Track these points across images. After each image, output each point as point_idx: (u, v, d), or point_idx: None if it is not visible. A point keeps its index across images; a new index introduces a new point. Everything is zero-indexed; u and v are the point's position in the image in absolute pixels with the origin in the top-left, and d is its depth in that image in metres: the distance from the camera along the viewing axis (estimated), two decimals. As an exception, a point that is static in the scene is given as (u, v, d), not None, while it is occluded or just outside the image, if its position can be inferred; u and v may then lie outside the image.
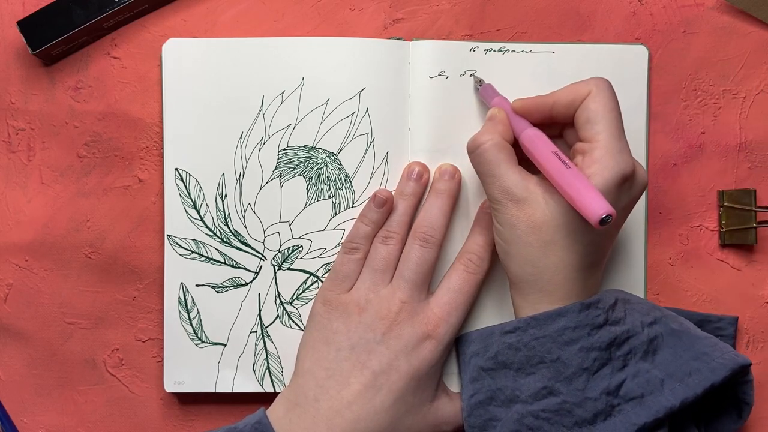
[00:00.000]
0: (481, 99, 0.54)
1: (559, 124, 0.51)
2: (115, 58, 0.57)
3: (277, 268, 0.55)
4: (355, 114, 0.54)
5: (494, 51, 0.55)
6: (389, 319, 0.51)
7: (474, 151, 0.49)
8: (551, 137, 0.50)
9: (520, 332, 0.48)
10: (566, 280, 0.48)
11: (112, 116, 0.56)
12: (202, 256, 0.55)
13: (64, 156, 0.57)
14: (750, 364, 0.49)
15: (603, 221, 0.43)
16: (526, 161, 0.50)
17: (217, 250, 0.55)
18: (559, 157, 0.47)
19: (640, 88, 0.55)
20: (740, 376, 0.50)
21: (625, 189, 0.47)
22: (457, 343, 0.53)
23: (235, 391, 0.55)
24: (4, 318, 0.57)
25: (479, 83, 0.54)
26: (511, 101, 0.51)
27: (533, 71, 0.55)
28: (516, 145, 0.50)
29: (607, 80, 0.49)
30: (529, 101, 0.50)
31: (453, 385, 0.54)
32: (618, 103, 0.48)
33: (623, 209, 0.48)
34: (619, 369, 0.48)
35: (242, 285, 0.55)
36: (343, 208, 0.55)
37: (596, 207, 0.43)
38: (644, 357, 0.49)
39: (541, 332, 0.48)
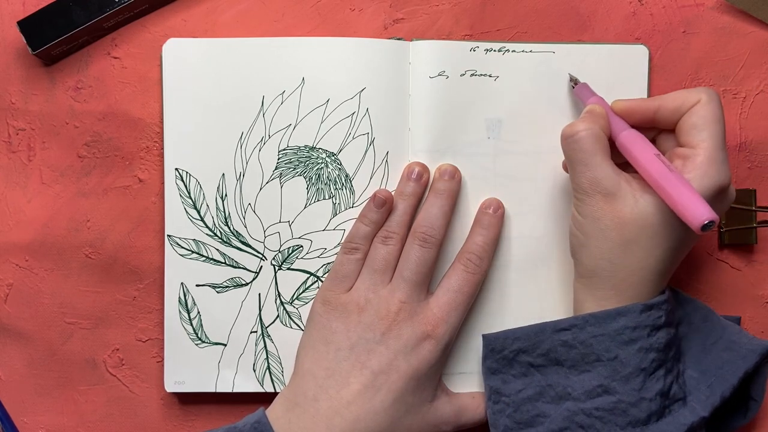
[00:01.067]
0: (575, 98, 0.54)
1: (655, 130, 0.51)
2: (115, 58, 0.57)
3: (277, 268, 0.55)
4: (355, 114, 0.54)
5: (494, 51, 0.55)
6: (389, 319, 0.51)
7: (570, 137, 0.48)
8: None
9: (576, 330, 0.48)
10: (640, 281, 0.47)
11: (112, 116, 0.56)
12: (203, 256, 0.55)
13: (65, 156, 0.57)
14: None
15: (705, 227, 0.43)
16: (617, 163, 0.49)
17: (217, 250, 0.55)
18: (662, 160, 0.46)
19: (640, 88, 0.55)
20: (767, 359, 0.51)
21: (719, 200, 0.47)
22: (493, 341, 0.52)
23: (235, 391, 0.55)
24: (5, 318, 0.57)
25: (575, 82, 0.54)
26: (610, 102, 0.51)
27: (533, 71, 0.55)
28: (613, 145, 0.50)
29: (716, 92, 0.48)
30: (632, 102, 0.50)
31: (452, 385, 0.54)
32: (724, 116, 0.48)
33: None
34: (669, 371, 0.48)
35: (242, 285, 0.55)
36: (343, 208, 0.55)
37: (700, 212, 0.43)
38: (679, 358, 0.49)
39: (599, 330, 0.47)
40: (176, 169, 0.55)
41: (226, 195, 0.55)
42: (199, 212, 0.55)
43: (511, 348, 0.51)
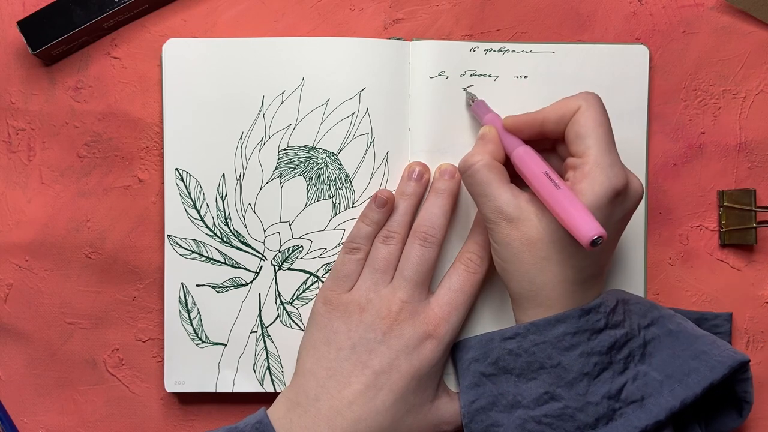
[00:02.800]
0: (473, 114, 0.54)
1: (551, 140, 0.51)
2: (115, 58, 0.57)
3: (277, 268, 0.55)
4: (356, 114, 0.54)
5: (494, 51, 0.55)
6: (390, 318, 0.51)
7: (465, 172, 0.50)
8: (544, 152, 0.50)
9: (520, 338, 0.48)
10: (564, 294, 0.48)
11: (112, 116, 0.56)
12: (203, 256, 0.55)
13: (65, 156, 0.57)
14: (748, 361, 0.49)
15: (594, 243, 0.43)
16: (519, 177, 0.50)
17: (217, 250, 0.55)
18: (550, 178, 0.47)
19: (640, 88, 0.55)
20: (739, 373, 0.50)
21: (618, 203, 0.47)
22: (454, 349, 0.53)
23: (235, 391, 0.55)
24: (5, 318, 0.57)
25: (471, 99, 0.54)
26: (503, 118, 0.51)
27: (533, 71, 0.55)
28: (508, 162, 0.51)
29: (596, 95, 0.49)
30: (519, 119, 0.50)
31: (453, 385, 0.54)
32: (608, 117, 0.48)
33: (617, 222, 0.48)
34: (619, 372, 0.48)
35: (242, 285, 0.55)
36: (343, 208, 0.55)
37: (586, 229, 0.43)
38: (642, 359, 0.49)
39: (541, 338, 0.48)
40: (176, 169, 0.55)
41: (226, 195, 0.55)
42: (199, 212, 0.55)
43: (466, 357, 0.51)
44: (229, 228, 0.55)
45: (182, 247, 0.55)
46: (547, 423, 0.47)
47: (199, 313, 0.55)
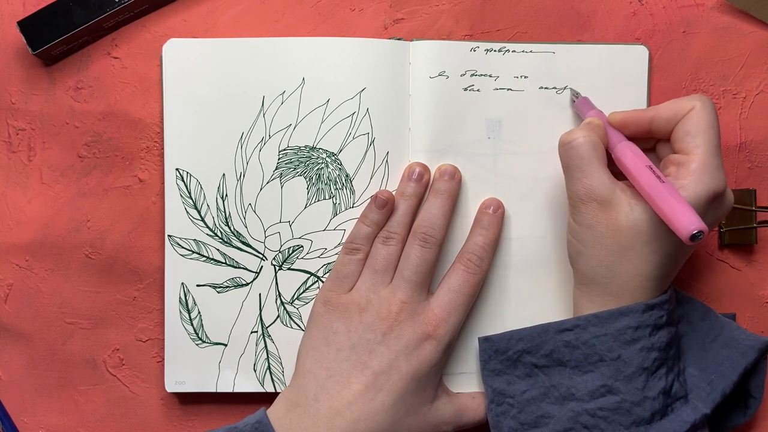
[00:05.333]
0: (576, 111, 0.54)
1: (653, 139, 0.51)
2: (115, 58, 0.57)
3: (277, 268, 0.55)
4: (356, 114, 0.54)
5: (494, 51, 0.55)
6: (390, 319, 0.51)
7: (568, 143, 0.49)
8: (644, 151, 0.50)
9: (579, 330, 0.48)
10: (637, 287, 0.48)
11: (112, 116, 0.56)
12: (203, 256, 0.55)
13: (65, 156, 0.57)
14: None
15: (694, 237, 0.43)
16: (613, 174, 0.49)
17: (217, 250, 0.55)
18: (653, 171, 0.46)
19: (640, 88, 0.55)
20: (762, 359, 0.51)
21: (713, 207, 0.47)
22: (497, 342, 0.52)
23: (235, 391, 0.55)
24: (5, 318, 0.57)
25: (576, 96, 0.54)
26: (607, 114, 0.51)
27: (533, 71, 0.55)
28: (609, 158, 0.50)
29: (710, 99, 0.48)
30: (627, 114, 0.50)
31: (453, 385, 0.54)
32: (719, 123, 0.48)
33: (708, 226, 0.48)
34: (671, 369, 0.48)
35: (243, 285, 0.55)
36: (343, 209, 0.55)
37: (688, 222, 0.43)
38: (679, 357, 0.50)
39: (602, 330, 0.48)
40: (177, 169, 0.55)
41: (226, 195, 0.55)
42: (199, 212, 0.55)
43: (515, 349, 0.51)
44: (230, 228, 0.55)
45: (183, 247, 0.55)
46: (602, 416, 0.48)
47: (199, 313, 0.55)
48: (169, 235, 0.55)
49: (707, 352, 0.50)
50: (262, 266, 0.55)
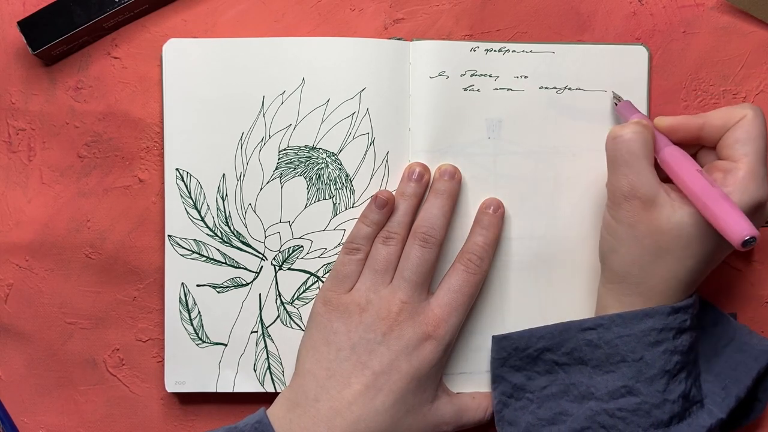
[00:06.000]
0: (618, 115, 0.53)
1: (696, 146, 0.51)
2: (115, 58, 0.57)
3: (277, 268, 0.55)
4: (356, 114, 0.54)
5: (494, 51, 0.55)
6: (390, 319, 0.51)
7: (619, 137, 0.48)
8: None
9: (602, 329, 0.48)
10: (667, 289, 0.47)
11: (112, 116, 0.56)
12: (203, 256, 0.55)
13: (65, 156, 0.57)
14: None
15: (746, 243, 0.43)
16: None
17: (217, 250, 0.55)
18: (704, 176, 0.46)
19: (640, 88, 0.55)
20: None
21: (756, 216, 0.47)
22: (517, 340, 0.52)
23: (235, 391, 0.55)
24: (5, 318, 0.57)
25: (618, 100, 0.54)
26: (655, 120, 0.51)
27: (533, 71, 0.55)
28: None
29: (761, 109, 0.48)
30: (676, 120, 0.50)
31: (453, 385, 0.54)
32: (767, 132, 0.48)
33: None
34: (690, 373, 0.48)
35: (243, 285, 0.55)
36: (343, 208, 0.55)
37: (741, 228, 0.43)
38: (697, 361, 0.50)
39: (626, 330, 0.48)
40: (177, 169, 0.55)
41: (226, 195, 0.55)
42: (199, 212, 0.55)
43: (536, 346, 0.51)
44: (230, 228, 0.55)
45: (183, 247, 0.55)
46: (621, 417, 0.47)
47: (199, 313, 0.55)
48: (169, 235, 0.55)
49: (720, 357, 0.50)
50: (262, 266, 0.55)
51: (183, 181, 0.55)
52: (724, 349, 0.50)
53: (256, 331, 0.55)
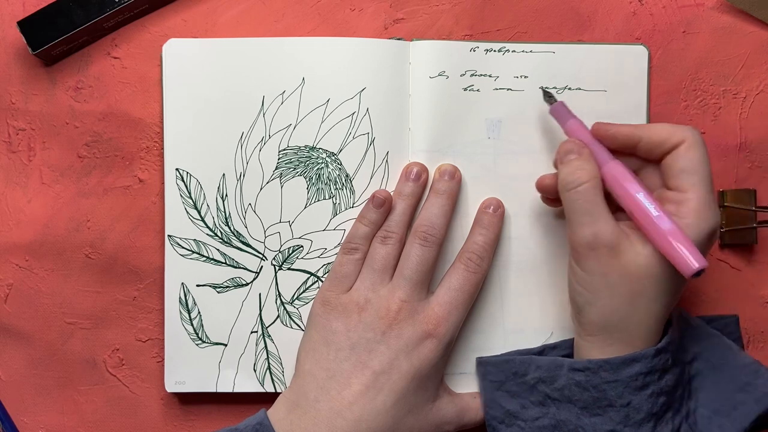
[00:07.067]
0: (552, 116, 0.52)
1: (639, 160, 0.50)
2: (115, 58, 0.57)
3: (277, 268, 0.55)
4: (356, 114, 0.54)
5: (494, 51, 0.55)
6: (389, 318, 0.51)
7: (573, 189, 0.47)
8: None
9: (590, 373, 0.48)
10: (647, 332, 0.47)
11: (112, 116, 0.56)
12: (203, 256, 0.55)
13: (65, 156, 0.57)
14: None
15: (696, 274, 0.43)
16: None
17: (217, 250, 0.55)
18: (646, 201, 0.46)
19: (640, 88, 0.55)
20: None
21: (710, 242, 0.47)
22: (517, 365, 0.52)
23: (235, 391, 0.55)
24: (5, 318, 0.57)
25: (550, 99, 0.52)
26: (590, 126, 0.50)
27: (533, 71, 0.55)
28: None
29: (698, 131, 0.47)
30: (615, 129, 0.48)
31: (454, 385, 0.54)
32: (708, 155, 0.47)
33: None
34: (677, 411, 0.48)
35: (243, 285, 0.55)
36: (343, 208, 0.55)
37: (692, 260, 0.43)
38: (689, 396, 0.49)
39: (613, 376, 0.47)
40: (177, 169, 0.55)
41: (226, 195, 0.55)
42: (199, 212, 0.55)
43: (533, 375, 0.51)
44: (230, 228, 0.55)
45: (182, 247, 0.55)
46: None
47: (199, 313, 0.55)
48: (169, 235, 0.55)
49: (722, 395, 0.49)
50: (262, 266, 0.55)
51: (183, 181, 0.55)
52: (727, 386, 0.49)
53: (256, 331, 0.55)
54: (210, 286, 0.55)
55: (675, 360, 0.48)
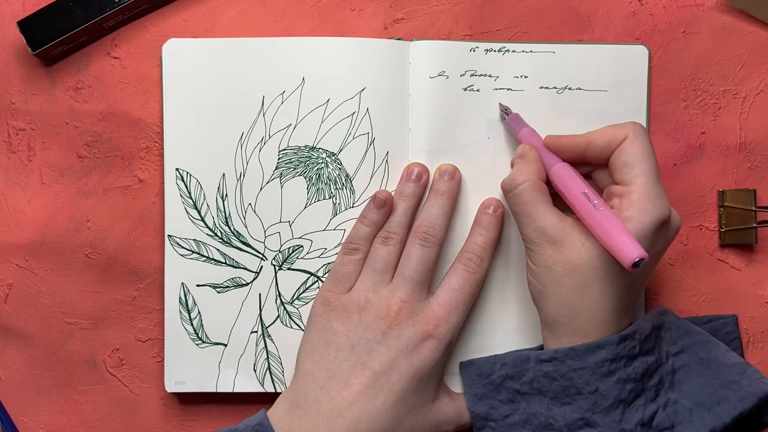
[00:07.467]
0: (507, 128, 0.54)
1: (591, 165, 0.51)
2: (115, 58, 0.57)
3: (277, 268, 0.55)
4: (356, 114, 0.54)
5: (494, 51, 0.55)
6: (389, 318, 0.51)
7: (511, 192, 0.50)
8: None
9: (557, 362, 0.48)
10: (601, 322, 0.48)
11: (112, 116, 0.56)
12: (203, 256, 0.55)
13: (65, 156, 0.57)
14: None
15: (636, 264, 0.43)
16: (558, 196, 0.50)
17: (217, 250, 0.55)
18: (588, 197, 0.47)
19: (640, 88, 0.55)
20: None
21: (661, 234, 0.47)
22: (482, 365, 0.52)
23: (235, 391, 0.55)
24: (5, 318, 0.57)
25: (506, 112, 0.54)
26: (541, 135, 0.51)
27: (533, 71, 0.55)
28: (548, 181, 0.51)
29: (643, 126, 0.49)
30: (562, 139, 0.50)
31: (454, 385, 0.54)
32: (653, 149, 0.48)
33: (657, 253, 0.49)
34: (651, 400, 0.48)
35: (243, 285, 0.55)
36: (343, 208, 0.55)
37: (629, 250, 0.44)
38: (672, 387, 0.49)
39: (579, 363, 0.48)
40: (176, 169, 0.55)
41: (226, 195, 0.55)
42: (199, 212, 0.55)
43: (499, 373, 0.51)
44: (230, 228, 0.55)
45: (182, 247, 0.55)
46: None
47: (199, 313, 0.55)
48: (169, 235, 0.55)
49: (706, 389, 0.49)
50: (262, 266, 0.55)
51: (183, 181, 0.55)
52: (712, 382, 0.49)
53: (256, 331, 0.55)
54: (210, 286, 0.55)
55: (644, 349, 0.48)
